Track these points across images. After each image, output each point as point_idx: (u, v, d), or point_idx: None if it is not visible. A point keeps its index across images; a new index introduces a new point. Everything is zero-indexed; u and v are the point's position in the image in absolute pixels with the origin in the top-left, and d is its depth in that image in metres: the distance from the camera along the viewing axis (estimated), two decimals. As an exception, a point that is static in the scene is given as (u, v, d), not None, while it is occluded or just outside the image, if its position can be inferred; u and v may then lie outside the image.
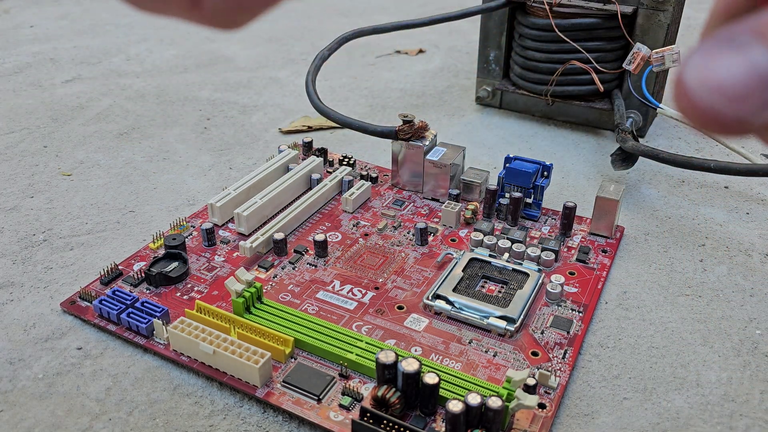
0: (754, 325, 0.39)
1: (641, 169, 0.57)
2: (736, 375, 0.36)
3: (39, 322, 0.39)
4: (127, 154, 0.60)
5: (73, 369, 0.35)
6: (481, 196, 0.50)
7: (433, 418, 0.31)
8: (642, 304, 0.41)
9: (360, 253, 0.45)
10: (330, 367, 0.35)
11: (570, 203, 0.46)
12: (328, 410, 0.32)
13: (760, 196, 0.54)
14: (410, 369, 0.30)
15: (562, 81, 0.63)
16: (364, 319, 0.38)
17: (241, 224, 0.46)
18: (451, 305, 0.38)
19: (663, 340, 0.38)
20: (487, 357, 0.36)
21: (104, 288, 0.41)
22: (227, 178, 0.56)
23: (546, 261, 0.43)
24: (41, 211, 0.50)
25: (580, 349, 0.37)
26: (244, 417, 0.33)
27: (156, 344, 0.36)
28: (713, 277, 0.44)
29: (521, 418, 0.32)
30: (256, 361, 0.33)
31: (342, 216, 0.49)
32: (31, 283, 0.42)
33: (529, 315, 0.39)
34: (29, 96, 0.72)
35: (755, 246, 0.47)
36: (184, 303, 0.39)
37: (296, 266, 0.43)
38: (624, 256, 0.46)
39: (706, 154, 0.61)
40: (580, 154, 0.61)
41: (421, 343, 0.37)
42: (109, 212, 0.50)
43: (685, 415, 0.33)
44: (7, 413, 0.33)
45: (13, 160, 0.58)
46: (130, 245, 0.46)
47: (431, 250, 0.45)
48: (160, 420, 0.33)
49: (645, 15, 0.59)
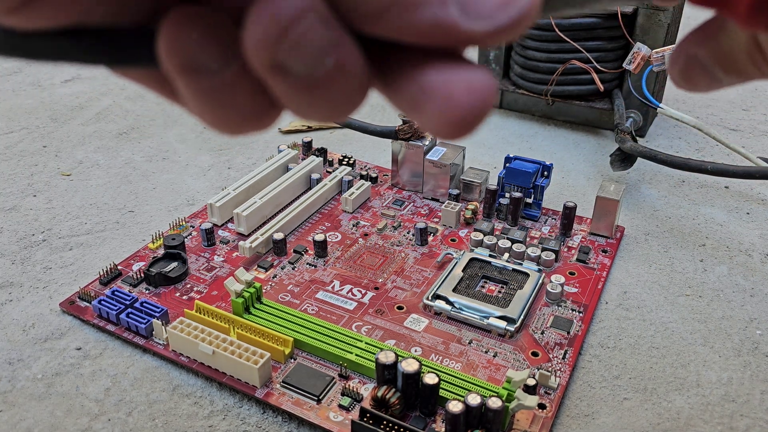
0: (754, 326, 0.39)
1: (641, 169, 0.57)
2: (736, 375, 0.36)
3: (38, 322, 0.39)
4: (126, 153, 0.60)
5: (72, 369, 0.35)
6: (481, 196, 0.50)
7: (433, 418, 0.31)
8: (642, 304, 0.41)
9: (360, 253, 0.44)
10: (330, 367, 0.35)
11: (570, 203, 0.46)
12: (328, 411, 0.32)
13: (760, 196, 0.54)
14: (410, 369, 0.30)
15: (562, 81, 0.63)
16: (363, 320, 0.38)
17: (240, 224, 0.46)
18: (451, 305, 0.38)
19: (663, 340, 0.38)
20: (487, 357, 0.36)
21: (103, 288, 0.40)
22: (227, 178, 0.56)
23: (546, 261, 0.43)
24: (40, 211, 0.50)
25: (580, 349, 0.37)
26: (244, 417, 0.33)
27: (155, 344, 0.36)
28: (713, 277, 0.44)
29: (521, 419, 0.32)
30: (255, 362, 0.33)
31: (342, 216, 0.49)
32: (31, 283, 0.42)
33: (529, 315, 0.39)
34: (29, 96, 0.72)
35: (755, 246, 0.47)
36: (183, 303, 0.39)
37: (296, 266, 0.43)
38: (624, 256, 0.46)
39: (707, 155, 0.61)
40: (580, 154, 0.61)
41: (421, 343, 0.37)
42: (108, 212, 0.50)
43: (686, 415, 0.33)
44: (6, 413, 0.33)
45: (12, 160, 0.58)
46: (129, 245, 0.46)
47: (431, 250, 0.45)
48: (160, 420, 0.32)
49: (645, 15, 0.59)
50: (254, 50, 0.11)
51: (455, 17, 0.11)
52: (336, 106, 0.13)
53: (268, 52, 0.11)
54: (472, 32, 0.11)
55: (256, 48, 0.11)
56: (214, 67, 0.12)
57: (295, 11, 0.11)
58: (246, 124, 0.13)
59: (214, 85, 0.12)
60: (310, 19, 0.11)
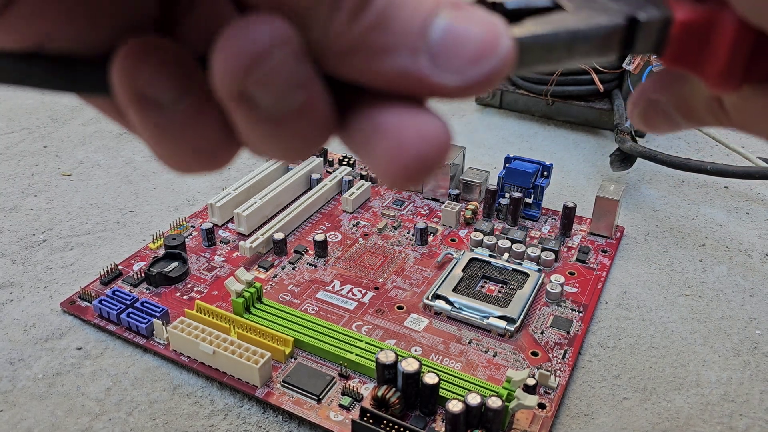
0: (754, 325, 0.39)
1: (641, 169, 0.57)
2: (736, 375, 0.36)
3: (39, 322, 0.39)
4: (126, 154, 0.60)
5: (73, 369, 0.35)
6: (481, 196, 0.50)
7: (433, 418, 0.31)
8: (642, 304, 0.41)
9: (360, 253, 0.45)
10: (330, 367, 0.35)
11: (570, 203, 0.46)
12: (328, 410, 0.32)
13: (760, 196, 0.54)
14: (410, 369, 0.30)
15: (562, 81, 0.63)
16: (364, 319, 0.38)
17: (240, 224, 0.46)
18: (451, 305, 0.38)
19: (663, 340, 0.38)
20: (487, 357, 0.36)
21: (104, 288, 0.41)
22: (227, 177, 0.56)
23: (546, 261, 0.43)
24: (41, 211, 0.50)
25: (580, 349, 0.37)
26: (244, 417, 0.33)
27: (156, 344, 0.36)
28: (713, 277, 0.44)
29: (521, 418, 0.32)
30: (255, 361, 0.33)
31: (342, 216, 0.49)
32: (31, 283, 0.42)
33: (529, 315, 0.39)
34: (29, 96, 0.72)
35: (755, 246, 0.47)
36: (184, 303, 0.39)
37: (296, 266, 0.43)
38: (624, 256, 0.46)
39: (706, 155, 0.61)
40: (580, 154, 0.61)
41: (421, 343, 0.37)
42: (108, 212, 0.50)
43: (685, 415, 0.33)
44: (7, 413, 0.33)
45: (13, 160, 0.58)
46: (129, 245, 0.46)
47: (431, 250, 0.45)
48: (160, 420, 0.33)
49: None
50: (222, 78, 0.11)
51: (425, 69, 0.11)
52: (296, 145, 0.12)
53: (236, 82, 0.11)
54: (441, 86, 0.11)
55: (224, 75, 0.11)
56: (165, 100, 0.12)
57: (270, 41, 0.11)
58: (197, 161, 0.13)
59: (165, 119, 0.12)
60: (284, 51, 0.11)
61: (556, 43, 0.13)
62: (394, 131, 0.11)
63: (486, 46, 0.11)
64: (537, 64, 0.13)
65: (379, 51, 0.11)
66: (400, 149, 0.11)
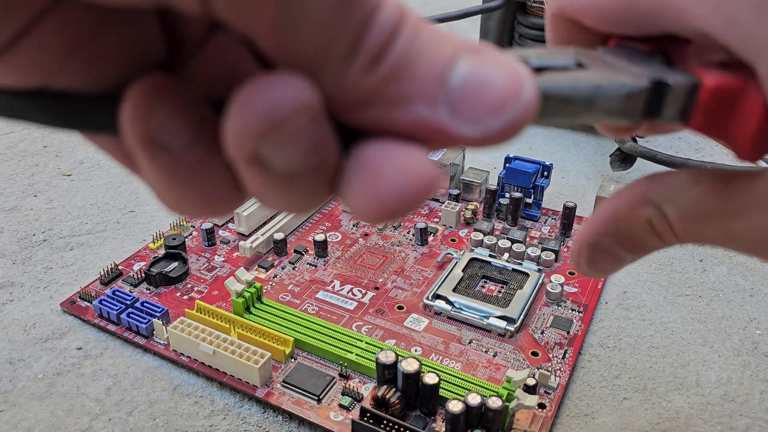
0: (754, 325, 0.39)
1: (641, 168, 0.57)
2: (736, 375, 0.36)
3: (39, 322, 0.39)
4: (127, 154, 0.60)
5: (73, 369, 0.35)
6: (481, 196, 0.50)
7: (433, 418, 0.31)
8: (642, 304, 0.41)
9: (360, 253, 0.45)
10: (330, 367, 0.35)
11: (570, 203, 0.46)
12: (328, 410, 0.32)
13: (760, 196, 0.54)
14: (410, 369, 0.30)
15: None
16: (364, 319, 0.38)
17: (241, 224, 0.46)
18: (451, 305, 0.38)
19: (663, 340, 0.38)
20: (487, 357, 0.36)
21: (104, 288, 0.41)
22: (227, 178, 0.56)
23: (546, 261, 0.43)
24: (41, 211, 0.50)
25: (580, 349, 0.37)
26: (244, 417, 0.33)
27: (156, 344, 0.36)
28: (713, 277, 0.44)
29: (521, 418, 0.32)
30: (256, 361, 0.33)
31: (342, 216, 0.49)
32: (31, 283, 0.42)
33: (529, 315, 0.39)
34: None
35: (755, 246, 0.47)
36: (184, 303, 0.39)
37: (296, 266, 0.43)
38: (624, 256, 0.46)
39: (706, 155, 0.61)
40: (580, 155, 0.61)
41: (421, 343, 0.37)
42: (109, 212, 0.50)
43: (685, 415, 0.33)
44: (7, 413, 0.33)
45: (13, 160, 0.58)
46: (130, 245, 0.46)
47: (431, 250, 0.45)
48: (160, 420, 0.33)
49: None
50: (235, 139, 0.10)
51: (444, 120, 0.10)
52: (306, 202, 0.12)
53: (250, 145, 0.10)
54: (460, 136, 0.11)
55: (238, 137, 0.10)
56: (177, 145, 0.11)
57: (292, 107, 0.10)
58: (203, 207, 0.12)
59: (175, 164, 0.11)
60: (304, 117, 0.10)
61: (577, 97, 0.13)
62: (372, 164, 0.11)
63: (508, 93, 0.11)
64: (556, 116, 0.13)
65: (396, 101, 0.10)
66: (376, 185, 0.11)
